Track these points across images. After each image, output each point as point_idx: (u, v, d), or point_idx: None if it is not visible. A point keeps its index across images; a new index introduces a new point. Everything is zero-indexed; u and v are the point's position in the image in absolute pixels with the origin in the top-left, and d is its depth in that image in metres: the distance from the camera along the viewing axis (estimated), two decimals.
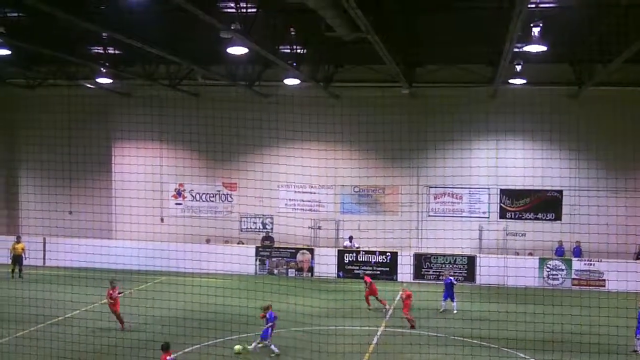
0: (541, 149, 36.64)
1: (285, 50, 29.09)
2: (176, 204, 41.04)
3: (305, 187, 38.91)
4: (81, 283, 31.90)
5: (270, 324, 20.91)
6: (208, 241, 37.38)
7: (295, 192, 39.67)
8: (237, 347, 20.94)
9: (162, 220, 39.48)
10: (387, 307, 27.56)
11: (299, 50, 29.99)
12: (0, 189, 42.57)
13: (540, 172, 34.76)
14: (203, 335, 20.92)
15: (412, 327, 24.49)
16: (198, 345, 21.32)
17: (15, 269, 34.07)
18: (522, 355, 21.27)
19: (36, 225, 34.10)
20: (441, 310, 27.63)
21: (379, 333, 24.32)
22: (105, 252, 34.74)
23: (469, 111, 35.46)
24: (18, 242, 34.93)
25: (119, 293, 24.10)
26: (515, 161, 35.49)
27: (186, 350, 20.99)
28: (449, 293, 27.96)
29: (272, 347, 20.67)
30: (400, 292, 25.81)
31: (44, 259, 38.09)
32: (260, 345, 20.85)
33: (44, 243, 38.11)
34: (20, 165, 43.32)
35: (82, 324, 23.97)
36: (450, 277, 28.71)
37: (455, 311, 27.52)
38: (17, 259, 34.41)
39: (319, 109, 33.93)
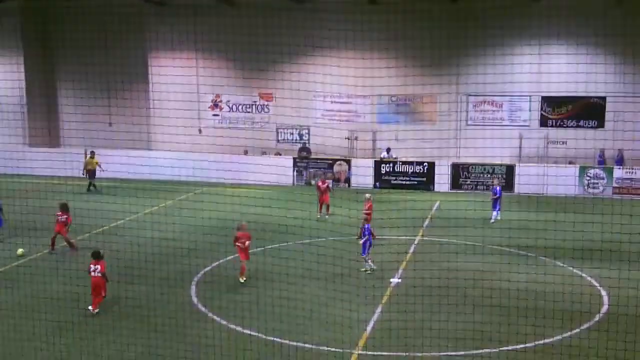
0: (585, 54, 35.46)
1: None
2: (213, 115, 41.14)
3: (341, 96, 38.55)
4: (123, 194, 32.66)
5: (365, 237, 20.51)
6: (246, 152, 37.60)
7: (331, 102, 39.37)
8: (20, 250, 21.61)
9: (200, 131, 39.71)
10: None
11: None
12: (40, 101, 42.97)
13: (583, 77, 33.85)
14: None
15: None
16: (238, 254, 21.74)
17: (92, 184, 34.56)
18: (560, 263, 21.30)
19: (77, 137, 34.63)
20: (496, 220, 27.49)
21: (415, 242, 24.53)
22: (145, 163, 35.21)
23: (511, 15, 34.31)
24: (92, 157, 35.10)
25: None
26: (559, 67, 34.56)
27: (228, 258, 21.48)
28: (496, 202, 27.81)
29: (369, 262, 20.43)
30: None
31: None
32: (369, 262, 20.54)
33: (85, 154, 38.74)
34: (59, 77, 43.61)
35: (126, 234, 24.58)
36: (498, 187, 28.38)
37: (492, 220, 27.48)
38: (91, 174, 34.76)
39: (355, 15, 33.06)
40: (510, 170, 34.81)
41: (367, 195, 25.87)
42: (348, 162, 36.99)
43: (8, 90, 37.73)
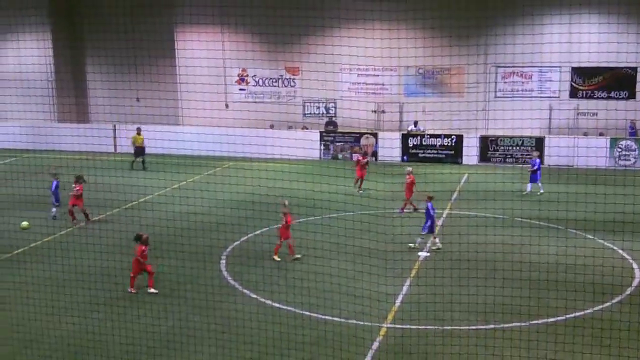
0: (617, 23, 34.72)
1: None
2: (240, 89, 41.10)
3: (368, 69, 38.26)
4: (152, 168, 32.91)
5: (432, 214, 20.21)
6: (272, 126, 37.57)
7: (358, 75, 39.09)
8: (24, 223, 21.83)
9: (226, 106, 39.75)
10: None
11: None
12: (67, 77, 43.25)
13: (615, 47, 33.14)
14: (271, 218, 21.39)
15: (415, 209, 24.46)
16: (267, 228, 21.86)
17: (136, 160, 34.00)
18: (590, 236, 21.09)
19: (105, 113, 34.87)
20: (539, 193, 27.29)
21: (444, 215, 24.41)
22: (173, 137, 35.37)
23: None
24: (138, 133, 34.60)
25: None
26: (590, 37, 33.89)
27: (256, 232, 21.58)
28: (535, 175, 27.59)
29: (436, 240, 20.21)
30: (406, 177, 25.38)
31: (115, 145, 39.23)
32: (422, 239, 20.34)
33: (114, 130, 39.07)
34: (86, 53, 43.82)
35: (155, 208, 24.80)
36: (538, 159, 28.09)
37: (524, 192, 27.19)
38: (139, 151, 34.32)
39: None
40: (539, 142, 34.38)
41: (409, 168, 25.72)
42: (375, 135, 36.80)
43: (36, 67, 38.00)
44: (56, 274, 17.26)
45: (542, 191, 27.26)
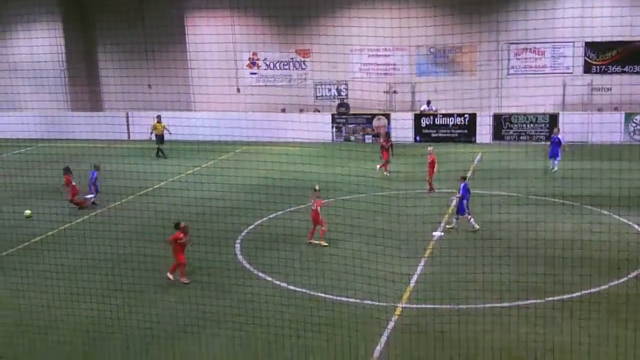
0: None
1: None
2: (251, 73, 41.05)
3: (379, 50, 38.05)
4: (166, 154, 33.02)
5: (460, 195, 20.04)
6: (283, 110, 37.54)
7: (369, 55, 38.91)
8: (27, 211, 22.16)
9: (238, 90, 39.75)
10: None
11: None
12: (79, 66, 43.39)
13: (629, 21, 32.78)
14: (285, 201, 21.45)
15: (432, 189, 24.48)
16: (281, 212, 21.93)
17: (160, 149, 33.84)
18: (605, 212, 20.98)
19: (118, 100, 34.95)
20: (552, 169, 27.15)
21: (458, 195, 24.30)
22: (186, 123, 35.41)
23: None
24: (159, 121, 34.27)
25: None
26: (602, 11, 33.48)
27: (270, 216, 21.65)
28: (554, 151, 27.41)
29: (472, 221, 20.06)
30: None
31: (128, 132, 39.41)
32: (459, 221, 20.24)
33: (127, 117, 39.20)
34: (98, 41, 43.90)
35: (170, 194, 24.94)
36: (559, 136, 27.92)
37: (554, 169, 27.03)
38: (159, 138, 34.13)
39: None
40: (553, 119, 34.13)
41: (430, 147, 25.61)
42: (387, 116, 36.69)
43: (48, 56, 38.04)
44: (73, 261, 17.42)
45: (555, 169, 27.09)
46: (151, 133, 34.11)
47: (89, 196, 24.22)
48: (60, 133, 38.56)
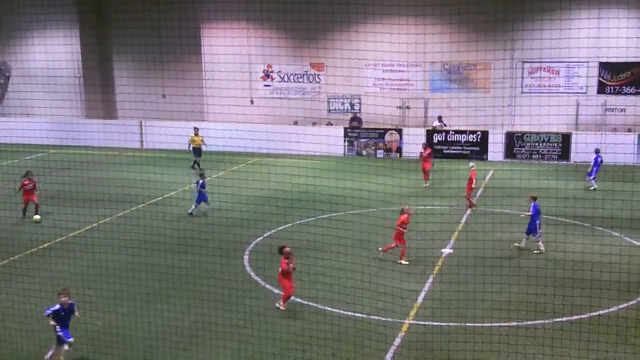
0: None
1: None
2: (265, 85, 41.18)
3: (393, 65, 38.07)
4: (177, 164, 33.12)
5: (530, 214, 19.69)
6: (295, 123, 37.59)
7: (383, 70, 38.95)
8: (36, 216, 22.50)
9: (252, 102, 39.85)
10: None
11: None
12: (95, 73, 43.68)
13: None
14: (295, 214, 21.43)
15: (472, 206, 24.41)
16: (290, 224, 21.91)
17: (196, 162, 32.69)
18: (616, 234, 20.79)
19: (131, 109, 35.11)
20: (591, 189, 27.28)
21: (468, 212, 24.24)
22: (200, 134, 35.51)
23: None
24: (196, 133, 33.30)
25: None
26: (618, 31, 33.33)
27: (279, 228, 21.63)
28: (595, 169, 27.66)
29: (540, 243, 19.69)
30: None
31: (142, 141, 39.56)
32: (528, 240, 19.94)
33: (141, 126, 39.37)
34: (113, 49, 44.19)
35: (180, 204, 24.97)
36: (600, 155, 27.94)
37: (593, 188, 27.11)
38: (197, 151, 33.04)
39: None
40: (566, 138, 33.99)
41: (471, 163, 25.60)
42: (399, 131, 36.65)
43: (63, 63, 38.41)
44: (81, 269, 17.45)
45: (592, 188, 27.37)
46: (189, 145, 33.35)
47: (193, 207, 23.86)
48: (73, 140, 38.74)
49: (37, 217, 22.62)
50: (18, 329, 14.55)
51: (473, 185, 24.70)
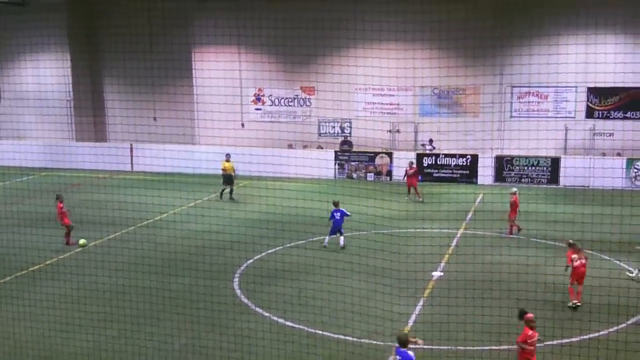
0: (633, 44, 34.63)
1: None
2: (256, 109, 41.34)
3: (383, 89, 38.33)
4: (167, 187, 33.04)
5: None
6: (290, 146, 37.66)
7: (373, 94, 39.20)
8: (82, 240, 22.27)
9: (242, 125, 39.96)
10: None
11: None
12: (86, 97, 43.74)
13: (631, 68, 33.01)
14: (286, 237, 21.43)
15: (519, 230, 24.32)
16: (281, 247, 21.90)
17: (225, 190, 30.94)
18: (606, 257, 20.90)
19: (122, 132, 35.16)
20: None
21: (458, 235, 24.31)
22: (190, 157, 35.53)
23: (556, 3, 33.68)
24: (227, 160, 31.38)
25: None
26: (606, 57, 33.74)
27: (270, 251, 21.61)
28: None
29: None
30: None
31: (132, 164, 39.55)
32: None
33: (131, 149, 39.37)
34: (104, 73, 44.29)
35: (170, 227, 24.94)
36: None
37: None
38: (227, 179, 31.03)
39: (398, 5, 32.72)
40: (555, 162, 34.25)
41: (514, 189, 25.41)
42: (390, 155, 36.83)
43: (55, 86, 38.48)
44: (70, 291, 17.36)
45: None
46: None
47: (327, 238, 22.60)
48: (63, 162, 38.69)
49: (83, 240, 22.39)
50: (6, 352, 14.43)
51: (518, 209, 24.38)
